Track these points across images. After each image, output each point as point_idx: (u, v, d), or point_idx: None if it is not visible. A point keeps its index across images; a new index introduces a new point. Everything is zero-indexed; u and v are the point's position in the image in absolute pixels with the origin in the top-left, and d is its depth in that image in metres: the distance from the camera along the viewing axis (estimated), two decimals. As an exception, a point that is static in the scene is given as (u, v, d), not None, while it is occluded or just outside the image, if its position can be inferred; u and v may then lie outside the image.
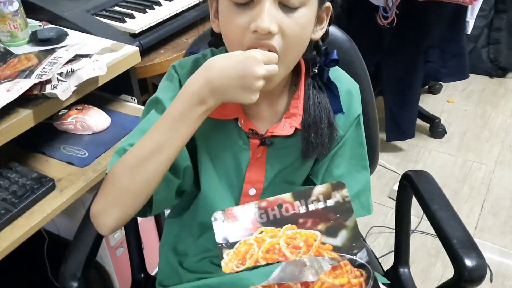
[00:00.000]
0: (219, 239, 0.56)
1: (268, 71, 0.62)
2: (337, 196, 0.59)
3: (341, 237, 0.58)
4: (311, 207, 0.59)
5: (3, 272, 0.94)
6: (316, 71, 0.76)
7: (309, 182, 0.82)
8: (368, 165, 0.83)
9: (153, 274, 1.06)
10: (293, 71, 0.75)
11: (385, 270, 1.02)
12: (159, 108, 0.73)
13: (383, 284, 0.85)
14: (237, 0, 0.64)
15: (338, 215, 0.58)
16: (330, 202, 0.58)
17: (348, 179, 0.80)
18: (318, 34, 0.73)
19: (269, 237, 0.56)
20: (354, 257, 0.57)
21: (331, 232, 0.58)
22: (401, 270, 0.98)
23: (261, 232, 0.56)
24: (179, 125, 0.64)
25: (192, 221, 0.83)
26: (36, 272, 1.36)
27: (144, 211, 0.71)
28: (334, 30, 0.95)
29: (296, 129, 0.75)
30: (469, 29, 1.89)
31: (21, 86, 0.91)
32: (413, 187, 0.92)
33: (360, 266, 0.57)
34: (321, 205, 0.59)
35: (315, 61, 0.76)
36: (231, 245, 0.56)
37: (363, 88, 0.94)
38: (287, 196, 0.58)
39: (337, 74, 0.80)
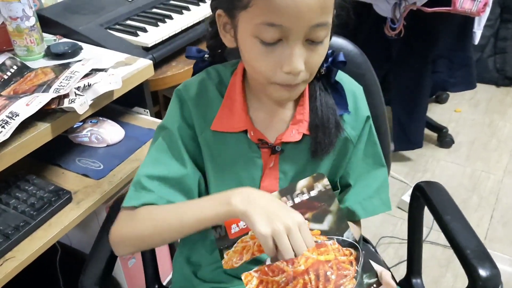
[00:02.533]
0: (219, 245, 0.65)
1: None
2: (319, 186, 0.66)
3: (327, 222, 0.64)
4: (297, 200, 0.66)
5: (15, 284, 0.96)
6: (323, 72, 0.78)
7: None
8: (384, 162, 0.86)
9: (164, 283, 1.07)
10: None
11: (397, 281, 1.02)
12: (167, 135, 0.77)
13: None
14: (266, 40, 0.65)
15: (322, 203, 0.65)
16: (313, 193, 0.65)
17: (367, 177, 0.83)
18: None
19: None
20: (341, 237, 0.63)
21: (317, 218, 0.65)
22: (414, 280, 1.00)
23: None
24: (203, 222, 0.67)
25: (204, 238, 0.85)
26: (48, 283, 1.37)
27: None
28: (346, 44, 0.96)
29: (303, 134, 0.77)
30: (476, 40, 1.90)
31: (39, 100, 0.92)
32: (426, 198, 0.94)
33: (349, 245, 0.63)
34: (305, 196, 0.66)
35: (322, 63, 0.77)
36: (230, 246, 0.64)
37: (375, 102, 0.96)
38: (275, 194, 0.65)
39: (340, 77, 0.81)
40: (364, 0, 1.79)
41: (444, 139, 2.32)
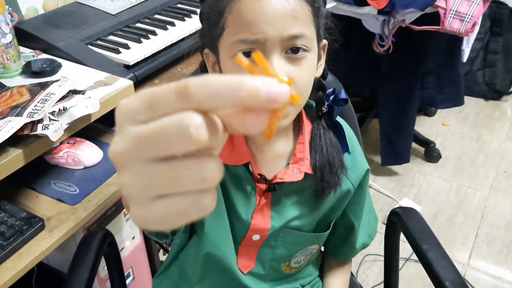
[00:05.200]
0: None
1: None
2: None
3: None
4: None
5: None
6: (325, 110, 0.76)
7: (319, 229, 0.82)
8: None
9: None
10: None
11: None
12: None
13: None
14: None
15: None
16: None
17: (364, 211, 0.87)
18: (319, 72, 0.73)
19: None
20: None
21: None
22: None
23: None
24: None
25: (195, 260, 0.83)
26: (24, 303, 1.34)
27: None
28: None
29: (305, 173, 0.74)
30: (465, 58, 1.89)
31: (12, 125, 0.89)
32: (402, 224, 0.93)
33: None
34: None
35: (323, 101, 0.76)
36: None
37: (347, 119, 0.96)
38: None
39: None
40: (353, 16, 1.77)
41: (431, 154, 2.31)
